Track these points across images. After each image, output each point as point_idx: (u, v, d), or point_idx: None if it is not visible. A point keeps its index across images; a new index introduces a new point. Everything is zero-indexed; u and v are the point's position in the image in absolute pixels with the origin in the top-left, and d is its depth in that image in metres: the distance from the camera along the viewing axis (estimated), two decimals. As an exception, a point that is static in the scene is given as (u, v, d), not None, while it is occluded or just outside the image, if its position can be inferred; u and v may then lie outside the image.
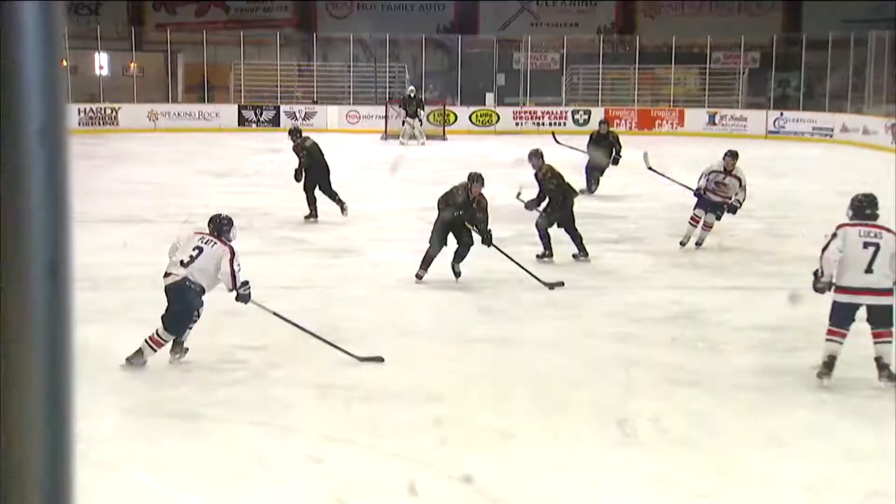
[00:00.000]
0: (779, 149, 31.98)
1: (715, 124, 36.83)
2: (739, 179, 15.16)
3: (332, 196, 17.59)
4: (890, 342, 8.70)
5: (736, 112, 37.49)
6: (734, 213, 14.94)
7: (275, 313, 9.51)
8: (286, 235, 16.50)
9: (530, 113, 36.81)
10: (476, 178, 13.09)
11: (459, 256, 13.07)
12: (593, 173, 20.62)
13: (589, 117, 37.16)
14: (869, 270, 8.60)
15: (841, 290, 8.79)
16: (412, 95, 33.18)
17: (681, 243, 15.66)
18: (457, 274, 13.02)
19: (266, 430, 8.22)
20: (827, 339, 8.87)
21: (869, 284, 8.64)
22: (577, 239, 14.59)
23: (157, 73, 39.31)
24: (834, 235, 8.82)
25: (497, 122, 35.85)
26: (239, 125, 36.90)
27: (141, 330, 9.63)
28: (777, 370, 9.66)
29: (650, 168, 15.18)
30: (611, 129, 21.30)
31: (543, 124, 35.99)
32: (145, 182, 19.65)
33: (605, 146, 20.32)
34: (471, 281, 13.39)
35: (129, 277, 13.00)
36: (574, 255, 14.61)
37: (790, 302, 10.86)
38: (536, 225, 14.54)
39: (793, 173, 26.12)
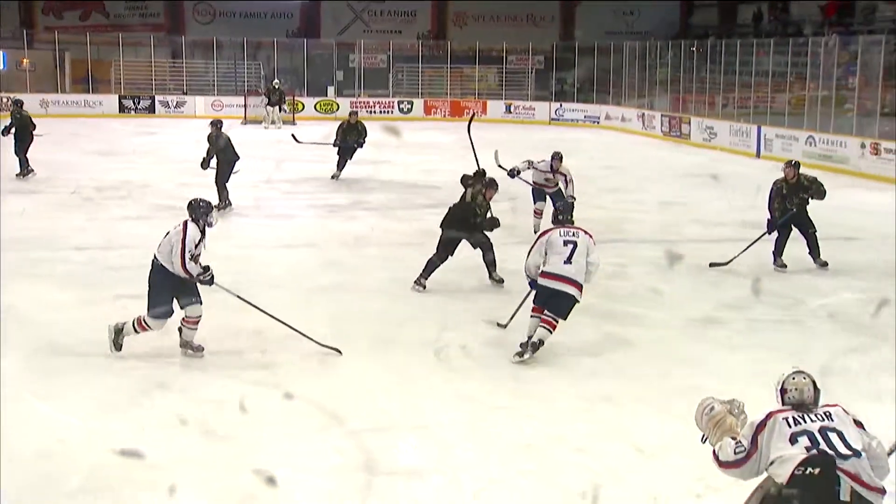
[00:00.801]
0: (560, 132, 32.59)
1: (510, 112, 37.48)
2: (564, 175, 14.21)
3: (222, 189, 15.87)
4: (552, 331, 8.37)
5: (526, 103, 38.18)
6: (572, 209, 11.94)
7: (239, 297, 8.47)
8: (160, 203, 16.06)
9: (364, 103, 36.68)
10: (490, 184, 11.04)
11: (489, 263, 11.03)
12: (344, 157, 19.50)
13: (412, 107, 37.83)
14: (568, 262, 8.36)
15: (546, 275, 8.46)
16: (276, 87, 32.86)
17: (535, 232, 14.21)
18: (499, 281, 10.96)
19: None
20: (531, 316, 8.54)
21: (567, 273, 8.37)
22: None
23: (47, 68, 37.78)
24: (538, 242, 8.65)
25: (337, 109, 35.51)
26: (119, 112, 35.79)
27: (36, 284, 9.46)
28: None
29: (500, 165, 14.43)
30: (359, 119, 20.07)
31: (375, 112, 36.08)
32: (39, 160, 18.98)
33: (355, 134, 19.26)
34: (318, 240, 13.46)
35: (27, 239, 12.75)
36: None
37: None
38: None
39: (572, 153, 26.59)
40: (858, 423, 4.63)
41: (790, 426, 4.57)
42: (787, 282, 11.37)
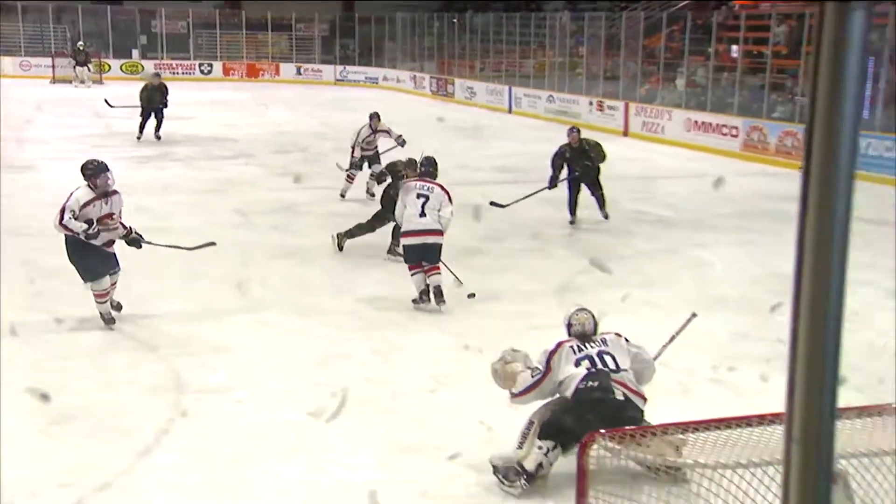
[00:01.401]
0: (344, 92, 32.41)
1: (301, 74, 36.70)
2: (387, 131, 12.98)
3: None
4: (440, 274, 8.02)
5: (314, 66, 37.43)
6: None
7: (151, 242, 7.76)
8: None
9: (167, 65, 34.99)
10: (410, 164, 9.10)
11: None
12: (146, 117, 18.09)
13: (211, 69, 36.46)
14: (422, 215, 7.90)
15: (406, 234, 8.03)
16: (81, 49, 31.15)
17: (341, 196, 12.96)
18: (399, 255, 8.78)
19: None
20: (412, 275, 8.03)
21: (423, 226, 7.92)
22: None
23: None
24: (401, 192, 8.21)
25: (142, 70, 33.70)
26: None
27: None
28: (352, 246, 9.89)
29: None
30: (163, 80, 18.76)
31: (178, 73, 34.58)
32: None
33: (158, 95, 17.94)
34: (129, 188, 12.91)
35: None
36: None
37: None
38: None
39: (357, 109, 26.48)
40: (627, 340, 5.15)
41: (575, 353, 5.02)
42: (534, 216, 11.61)
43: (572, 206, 11.43)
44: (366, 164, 12.82)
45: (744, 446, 3.19)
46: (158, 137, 18.16)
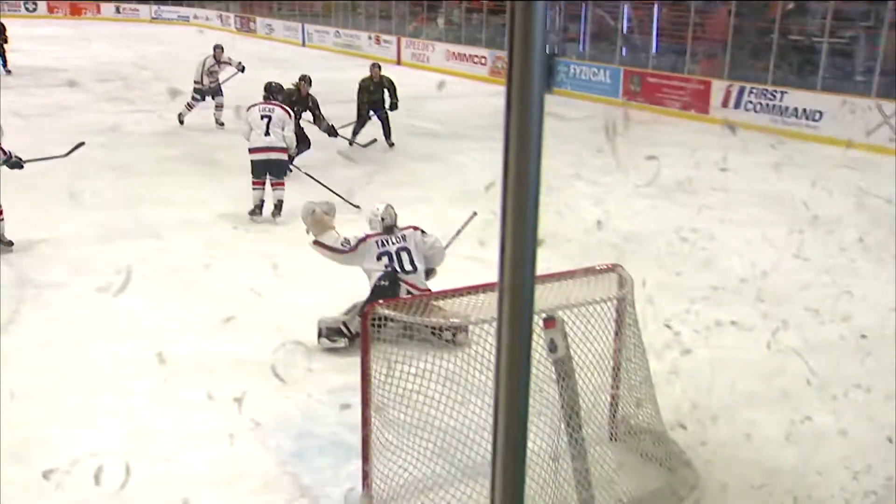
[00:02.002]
0: (160, 28, 30.32)
1: (119, 13, 33.46)
2: (228, 62, 11.76)
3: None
4: (283, 189, 7.52)
5: (132, 5, 33.88)
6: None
7: None
8: None
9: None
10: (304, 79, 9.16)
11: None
12: None
13: (36, 6, 32.60)
14: (267, 134, 7.36)
15: (253, 150, 7.42)
16: None
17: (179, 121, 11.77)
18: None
19: None
20: (253, 189, 7.47)
21: (268, 144, 7.38)
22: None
23: None
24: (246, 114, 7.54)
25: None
26: None
27: None
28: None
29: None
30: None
31: (4, 10, 30.15)
32: None
33: None
34: None
35: None
36: None
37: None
38: None
39: (169, 43, 24.88)
40: (423, 232, 5.07)
41: (378, 247, 4.93)
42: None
43: (356, 131, 10.81)
44: (209, 98, 11.70)
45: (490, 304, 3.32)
46: (9, 72, 16.54)
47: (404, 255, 4.96)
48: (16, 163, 6.58)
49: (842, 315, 5.23)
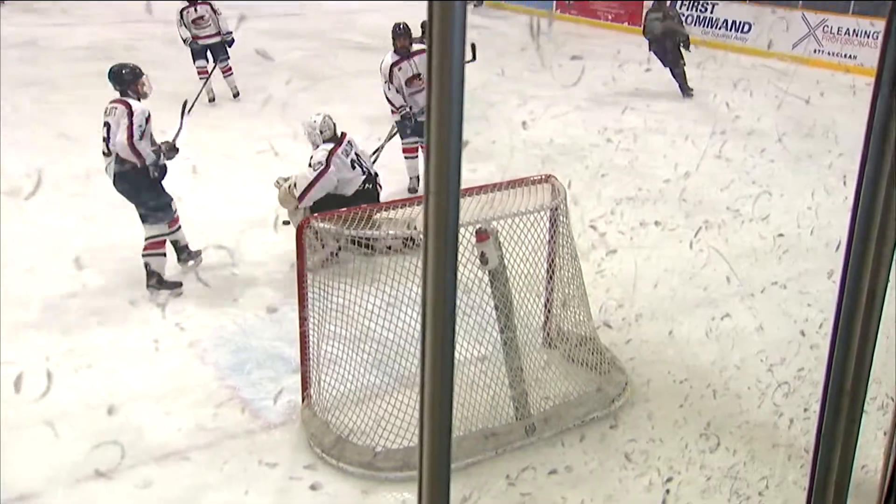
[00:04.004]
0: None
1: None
2: (209, 6, 8.48)
3: None
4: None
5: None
6: (229, 45, 8.56)
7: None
8: None
9: None
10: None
11: None
12: None
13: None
14: None
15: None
16: None
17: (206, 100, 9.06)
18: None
19: None
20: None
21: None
22: None
23: None
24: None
25: None
26: None
27: None
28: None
29: None
30: None
31: None
32: None
33: None
34: None
35: None
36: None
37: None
38: None
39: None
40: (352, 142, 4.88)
41: (345, 156, 4.75)
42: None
43: None
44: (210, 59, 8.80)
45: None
46: None
47: (364, 160, 4.93)
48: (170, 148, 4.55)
49: (760, 215, 5.37)
